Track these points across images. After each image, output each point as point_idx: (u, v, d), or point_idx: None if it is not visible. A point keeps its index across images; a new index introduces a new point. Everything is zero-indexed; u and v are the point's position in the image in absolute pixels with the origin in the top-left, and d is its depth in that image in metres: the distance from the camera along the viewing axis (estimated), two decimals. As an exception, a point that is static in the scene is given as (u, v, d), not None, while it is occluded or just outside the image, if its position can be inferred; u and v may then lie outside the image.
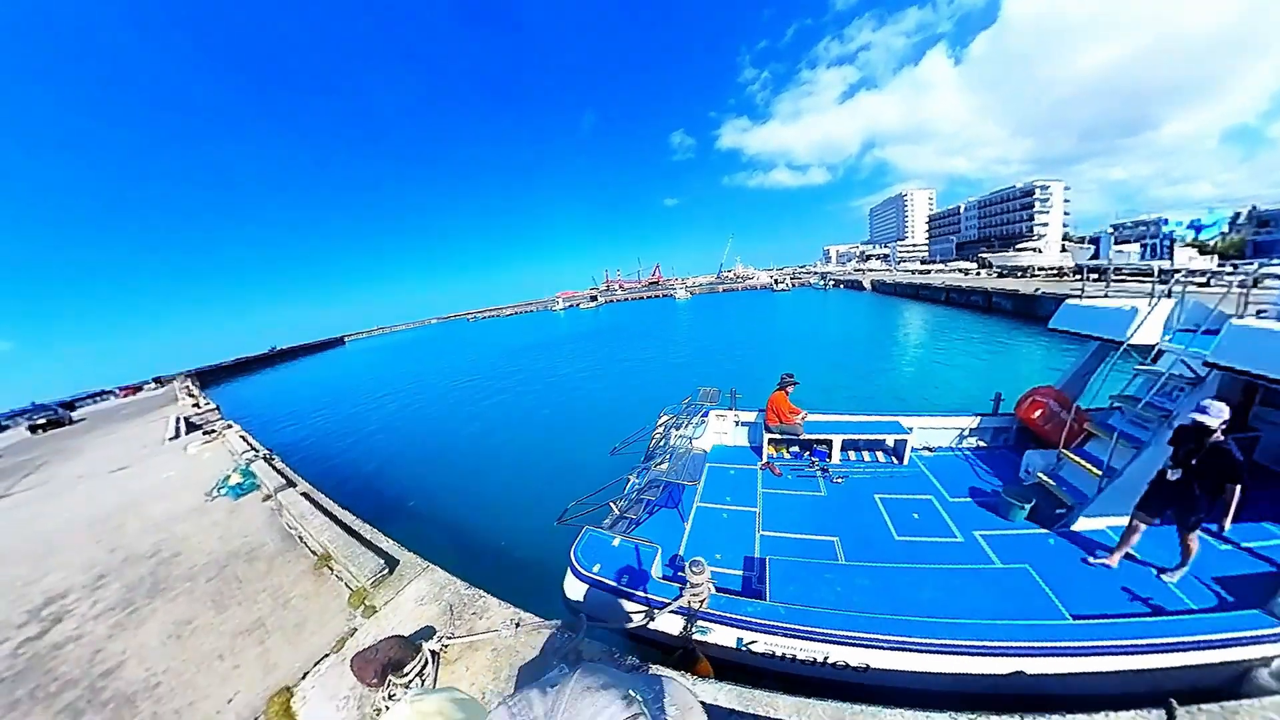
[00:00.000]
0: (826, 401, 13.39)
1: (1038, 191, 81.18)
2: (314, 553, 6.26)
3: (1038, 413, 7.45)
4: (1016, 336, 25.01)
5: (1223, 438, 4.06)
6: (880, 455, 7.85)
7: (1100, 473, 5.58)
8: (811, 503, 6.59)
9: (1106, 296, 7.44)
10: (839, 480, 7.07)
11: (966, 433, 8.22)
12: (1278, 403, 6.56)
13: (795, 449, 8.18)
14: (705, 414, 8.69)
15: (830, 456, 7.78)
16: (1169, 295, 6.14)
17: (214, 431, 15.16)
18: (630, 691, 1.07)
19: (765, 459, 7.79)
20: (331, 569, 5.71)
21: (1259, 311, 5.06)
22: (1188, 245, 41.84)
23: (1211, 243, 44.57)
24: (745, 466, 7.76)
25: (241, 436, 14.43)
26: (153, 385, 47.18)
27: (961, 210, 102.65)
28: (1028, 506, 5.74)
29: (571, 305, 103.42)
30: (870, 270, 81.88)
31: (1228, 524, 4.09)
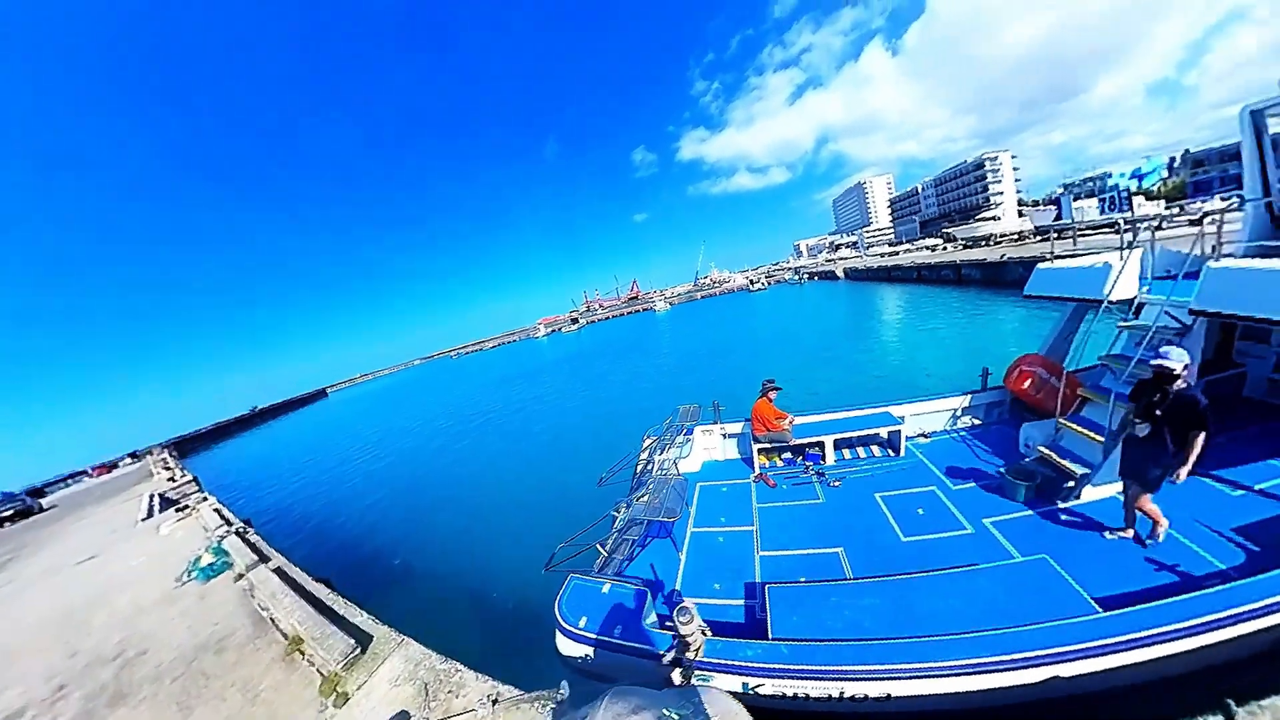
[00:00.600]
0: (814, 401, 13.20)
1: (987, 164, 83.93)
2: (285, 636, 5.73)
3: (1027, 382, 7.27)
4: (991, 305, 25.32)
5: (1185, 384, 3.95)
6: (876, 449, 7.57)
7: (1102, 439, 5.36)
8: (810, 512, 6.23)
9: (1075, 256, 7.35)
10: (836, 484, 6.76)
11: (959, 412, 8.01)
12: (1259, 336, 6.48)
13: (787, 455, 7.88)
14: (689, 432, 8.37)
15: (824, 459, 7.48)
16: (1136, 245, 6.08)
17: (188, 508, 14.35)
18: (665, 710, 1.07)
19: (757, 470, 7.46)
20: (303, 653, 5.20)
21: (1226, 254, 5.09)
22: (1136, 194, 44.27)
23: (1155, 188, 47.07)
24: (738, 481, 7.42)
25: (216, 510, 13.67)
26: (128, 461, 45.13)
27: (920, 190, 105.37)
28: (1033, 485, 5.51)
29: (554, 330, 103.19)
30: (841, 259, 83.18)
31: (1184, 474, 3.94)
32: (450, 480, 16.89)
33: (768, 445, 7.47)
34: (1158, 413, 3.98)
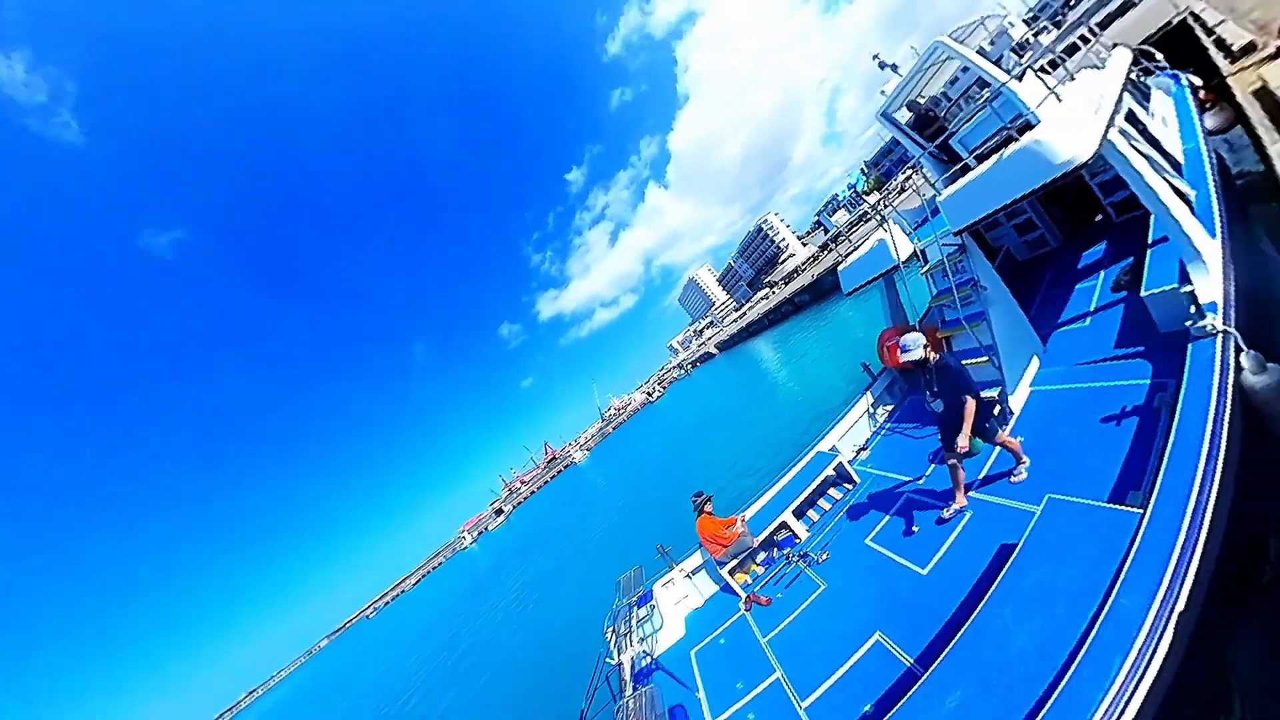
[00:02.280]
0: (756, 480, 12.41)
1: (764, 227, 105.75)
2: None
3: (898, 352, 7.51)
4: (831, 313, 28.91)
5: (937, 356, 4.51)
6: (834, 493, 6.77)
7: (988, 358, 5.62)
8: (821, 610, 5.01)
9: (857, 249, 8.55)
10: (824, 557, 5.63)
11: (872, 409, 7.82)
12: (994, 224, 8.65)
13: (762, 557, 6.61)
14: (648, 598, 6.76)
15: (797, 536, 6.41)
16: (889, 219, 7.22)
17: None
18: None
19: (743, 595, 5.99)
20: None
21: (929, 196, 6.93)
22: (865, 193, 67.73)
23: (867, 186, 73.28)
24: (731, 621, 5.85)
25: None
26: None
27: (733, 264, 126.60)
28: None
29: (481, 532, 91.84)
30: (709, 339, 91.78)
31: (964, 441, 4.22)
32: None
33: (734, 560, 6.14)
34: (935, 389, 4.49)
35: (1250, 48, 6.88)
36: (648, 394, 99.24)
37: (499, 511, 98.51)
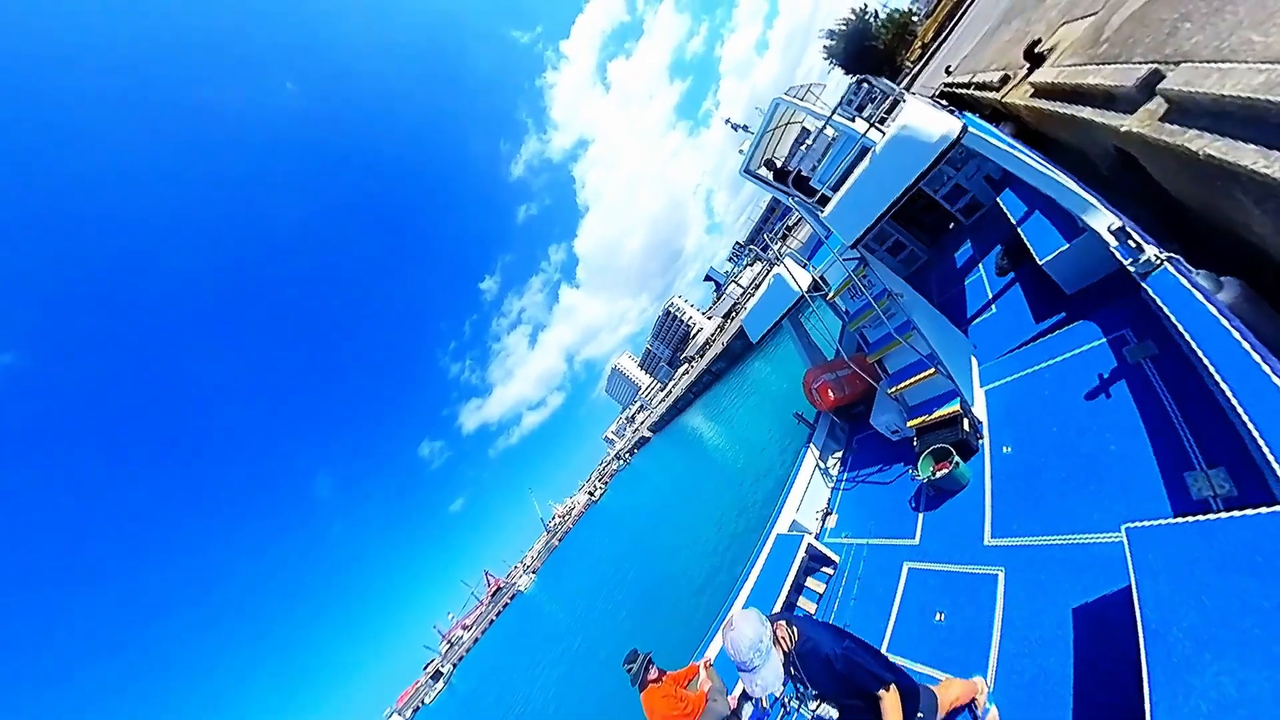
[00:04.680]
0: (720, 588, 10.62)
1: (671, 309, 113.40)
2: None
3: (829, 393, 6.94)
4: (748, 372, 29.54)
5: (794, 642, 2.46)
6: (815, 584, 5.29)
7: (933, 369, 4.96)
8: None
9: (753, 296, 8.40)
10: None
11: (822, 466, 6.83)
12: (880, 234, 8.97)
13: (749, 711, 4.71)
14: None
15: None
16: (781, 256, 6.97)
17: None
18: None
19: None
20: None
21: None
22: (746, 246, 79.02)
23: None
24: None
25: None
26: None
27: (650, 347, 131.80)
28: (953, 456, 4.43)
29: (417, 709, 73.25)
30: (641, 424, 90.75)
31: None
32: None
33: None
34: (815, 693, 2.46)
35: (1005, 79, 8.26)
36: (590, 493, 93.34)
37: (437, 675, 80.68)
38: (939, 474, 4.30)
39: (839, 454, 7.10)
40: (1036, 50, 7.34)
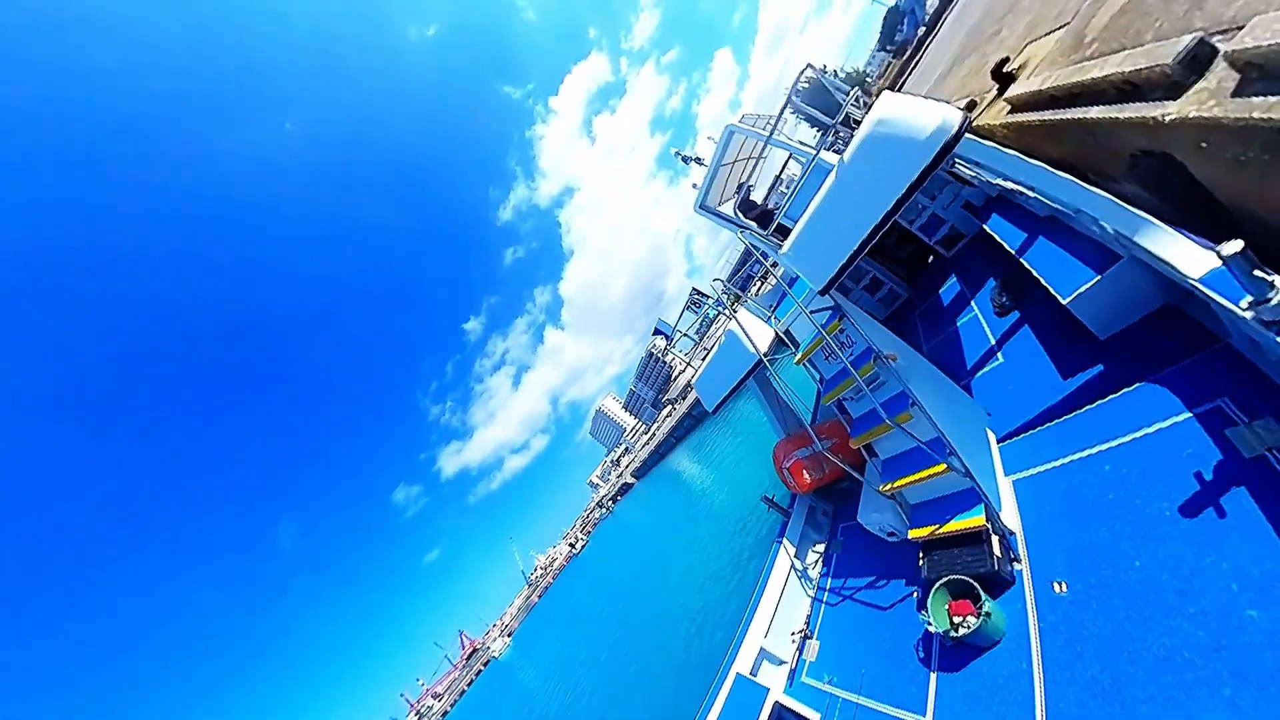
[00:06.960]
0: (712, 627, 8.91)
1: (654, 351, 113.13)
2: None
3: (805, 474, 5.56)
4: (731, 413, 28.18)
5: None
6: None
7: (943, 464, 3.61)
8: None
9: (707, 356, 7.24)
10: None
11: (800, 568, 5.39)
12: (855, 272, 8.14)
13: None
14: None
15: None
16: (739, 307, 6.14)
17: None
18: None
19: None
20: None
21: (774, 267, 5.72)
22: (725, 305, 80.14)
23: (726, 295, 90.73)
24: None
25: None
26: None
27: (635, 389, 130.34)
28: (961, 599, 3.13)
29: None
30: (625, 469, 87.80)
31: None
32: None
33: None
34: None
35: (973, 105, 7.81)
36: (571, 544, 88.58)
37: (401, 756, 72.40)
38: (962, 629, 2.94)
39: (821, 547, 5.67)
40: (1005, 70, 6.67)
